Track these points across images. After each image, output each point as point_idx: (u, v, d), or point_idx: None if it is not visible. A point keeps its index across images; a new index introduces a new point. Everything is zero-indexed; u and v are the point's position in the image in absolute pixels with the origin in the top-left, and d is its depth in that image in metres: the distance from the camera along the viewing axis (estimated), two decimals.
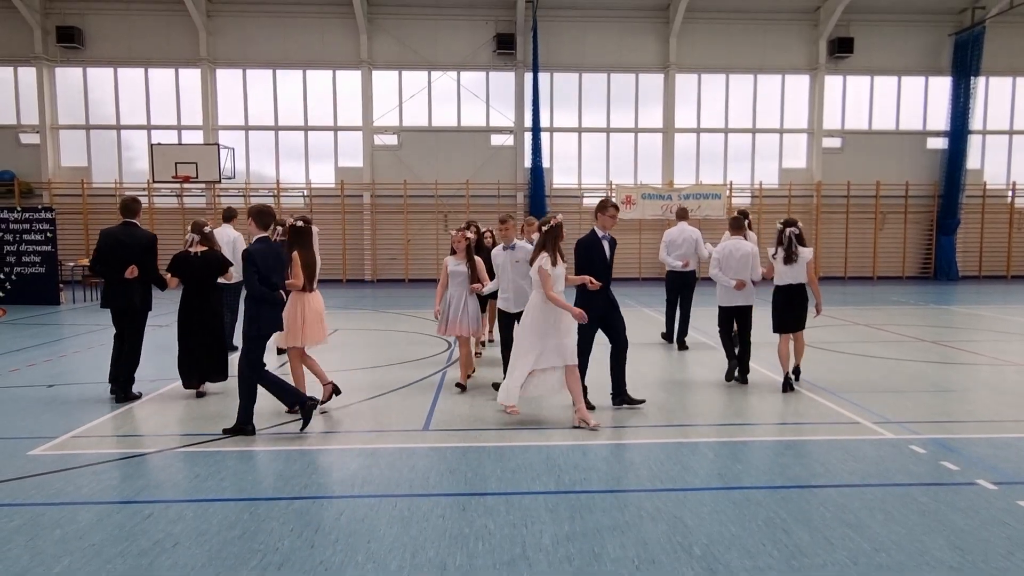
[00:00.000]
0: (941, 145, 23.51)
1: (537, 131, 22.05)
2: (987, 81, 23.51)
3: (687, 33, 22.60)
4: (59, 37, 21.26)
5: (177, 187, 21.36)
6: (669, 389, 7.59)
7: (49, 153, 21.91)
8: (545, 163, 22.53)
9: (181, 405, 6.87)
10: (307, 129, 22.84)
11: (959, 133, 22.95)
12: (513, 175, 22.86)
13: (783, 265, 7.37)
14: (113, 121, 22.40)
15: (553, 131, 23.16)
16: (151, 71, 22.21)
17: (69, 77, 22.15)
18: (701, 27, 22.69)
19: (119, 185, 22.11)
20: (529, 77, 22.12)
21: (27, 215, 15.46)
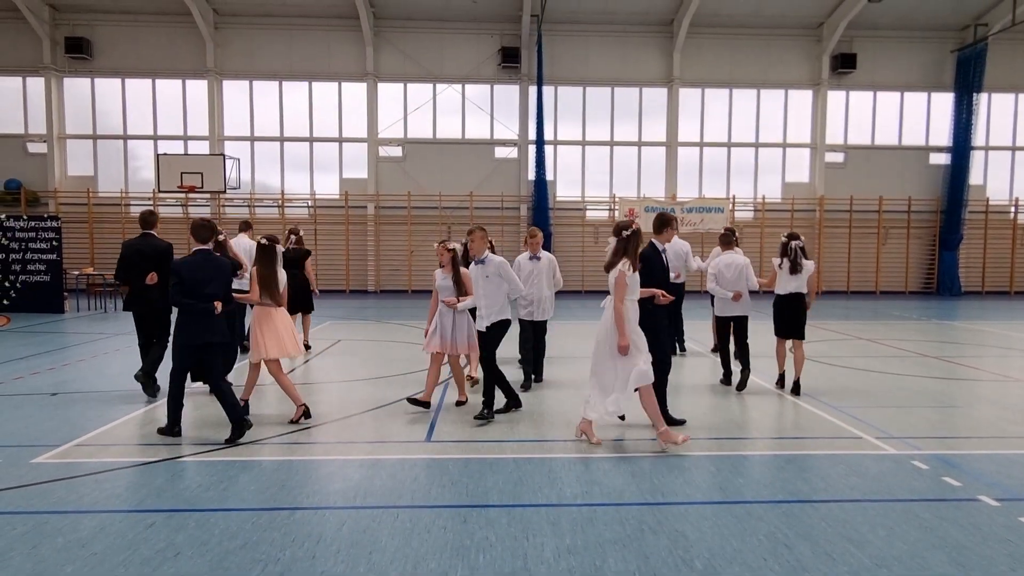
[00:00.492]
0: (944, 161, 23.57)
1: (541, 144, 22.18)
2: (989, 97, 23.62)
3: (691, 48, 22.75)
4: (67, 48, 21.51)
5: (182, 197, 21.48)
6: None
7: (56, 162, 22.09)
8: (549, 175, 22.66)
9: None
10: (312, 140, 22.98)
11: (962, 149, 23.02)
12: (517, 187, 22.97)
13: (788, 275, 7.82)
14: (120, 131, 22.59)
15: (557, 144, 23.28)
16: (158, 82, 22.42)
17: (77, 87, 22.37)
18: (705, 42, 22.85)
19: (125, 195, 22.28)
20: (533, 90, 22.28)
21: (33, 223, 15.57)
